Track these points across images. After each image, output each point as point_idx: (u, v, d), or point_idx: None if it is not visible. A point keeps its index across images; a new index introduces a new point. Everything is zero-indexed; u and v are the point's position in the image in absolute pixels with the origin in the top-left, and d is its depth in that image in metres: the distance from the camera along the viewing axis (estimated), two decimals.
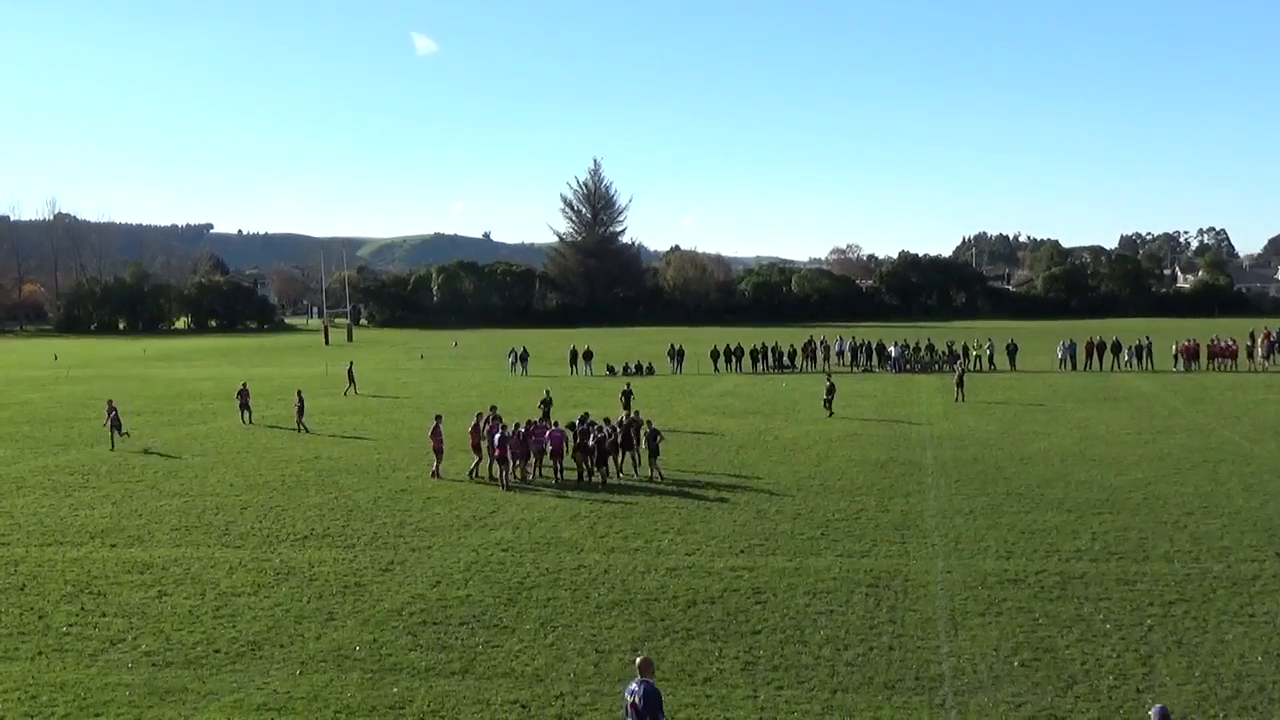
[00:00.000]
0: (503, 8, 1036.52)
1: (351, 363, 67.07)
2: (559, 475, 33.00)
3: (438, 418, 35.60)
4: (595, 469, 32.26)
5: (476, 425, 34.35)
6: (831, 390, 48.11)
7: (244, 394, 48.43)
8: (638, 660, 13.58)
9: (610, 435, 32.68)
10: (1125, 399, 51.51)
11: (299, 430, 44.11)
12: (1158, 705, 12.57)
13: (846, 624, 19.16)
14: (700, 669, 17.20)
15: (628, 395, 46.51)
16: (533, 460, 33.16)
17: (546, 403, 43.12)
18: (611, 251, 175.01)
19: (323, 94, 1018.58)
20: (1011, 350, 69.59)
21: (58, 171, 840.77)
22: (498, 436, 32.37)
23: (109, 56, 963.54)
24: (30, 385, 69.36)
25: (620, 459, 33.24)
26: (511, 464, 32.35)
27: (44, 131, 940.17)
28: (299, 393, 46.90)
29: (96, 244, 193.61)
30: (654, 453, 32.96)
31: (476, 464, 33.58)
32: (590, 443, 32.28)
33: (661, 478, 32.48)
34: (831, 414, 46.32)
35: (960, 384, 52.42)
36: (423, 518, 28.09)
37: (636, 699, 12.98)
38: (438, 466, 33.77)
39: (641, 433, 33.67)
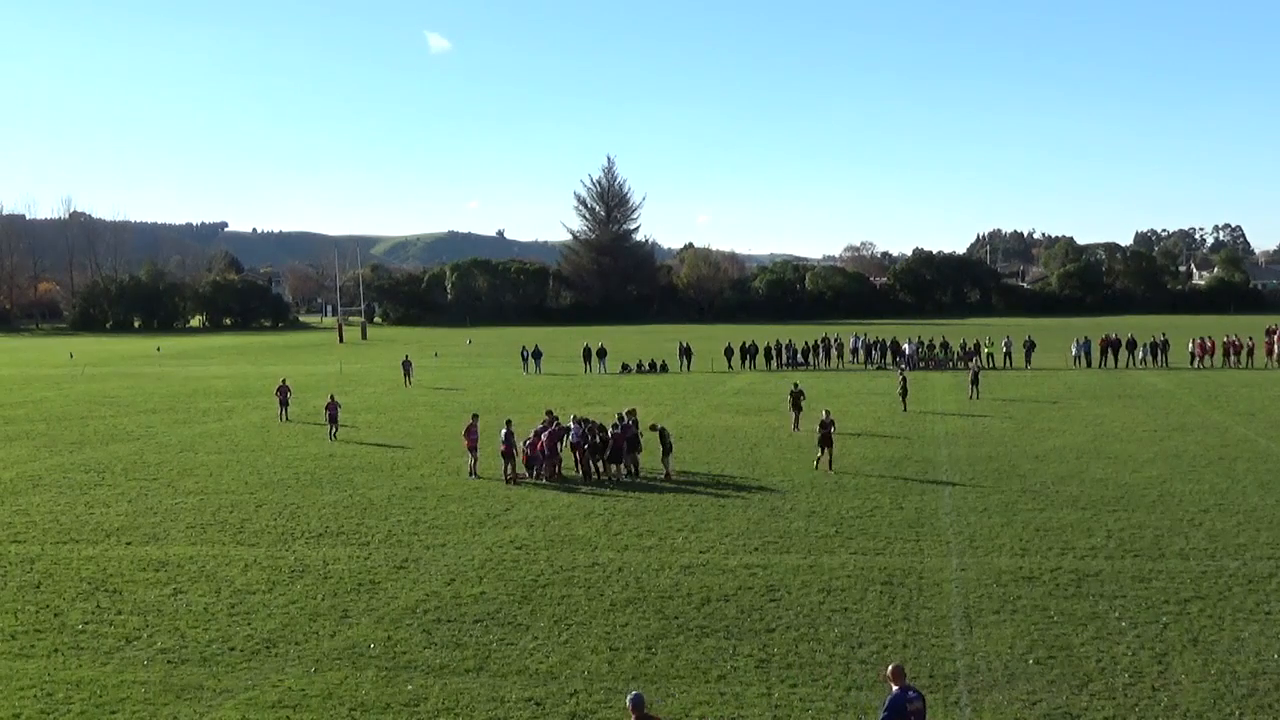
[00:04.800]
0: (516, 6, 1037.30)
1: (407, 356, 68.05)
2: (583, 472, 33.01)
3: (474, 416, 35.09)
4: (608, 466, 32.36)
5: (540, 430, 33.82)
6: (905, 382, 48.12)
7: (283, 390, 48.38)
8: (890, 669, 12.98)
9: (620, 432, 32.71)
10: (1140, 396, 51.33)
11: (331, 440, 41.51)
12: (633, 693, 12.58)
13: (861, 622, 19.14)
14: (714, 667, 17.19)
15: (796, 395, 42.66)
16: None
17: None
18: (625, 249, 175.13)
19: (336, 93, 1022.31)
20: (1028, 347, 69.40)
21: (73, 170, 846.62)
22: (535, 431, 33.37)
23: (123, 55, 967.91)
24: (45, 383, 69.67)
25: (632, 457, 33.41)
26: (537, 461, 32.83)
27: (59, 130, 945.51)
28: (332, 397, 44.16)
29: (111, 242, 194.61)
30: (666, 450, 32.94)
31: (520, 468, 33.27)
32: (605, 439, 32.38)
33: (668, 475, 32.48)
34: (905, 409, 46.36)
35: (975, 381, 52.36)
36: (437, 515, 28.14)
37: (919, 705, 12.58)
38: (474, 465, 33.55)
39: (647, 432, 33.71)
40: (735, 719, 15.32)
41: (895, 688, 12.56)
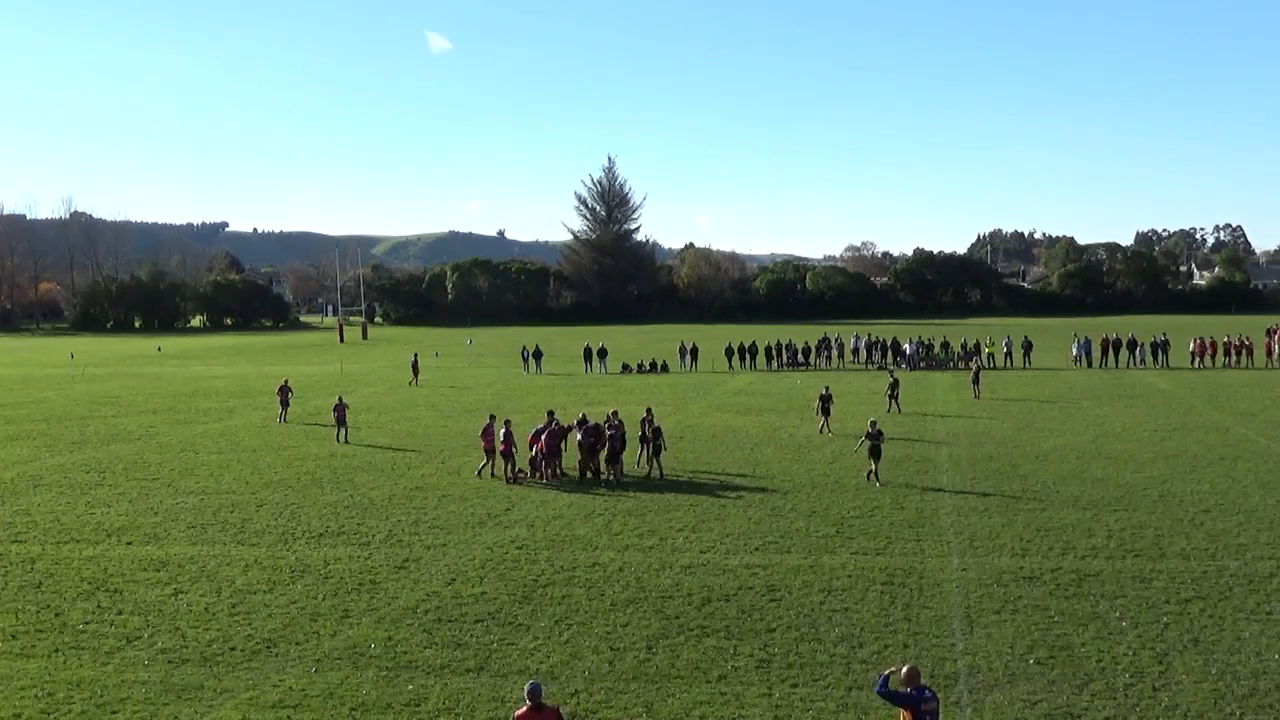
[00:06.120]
0: (516, 6, 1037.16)
1: (416, 354, 68.33)
2: (581, 471, 32.95)
3: (491, 417, 34.70)
4: (608, 466, 32.34)
5: (540, 430, 33.74)
6: (895, 385, 48.05)
7: (285, 390, 48.02)
8: (905, 670, 12.75)
9: (619, 431, 32.70)
10: (1141, 396, 51.33)
11: (339, 442, 40.52)
12: (530, 682, 12.67)
13: (861, 622, 19.13)
14: (715, 667, 17.19)
15: (826, 399, 41.50)
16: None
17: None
18: (626, 249, 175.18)
19: (337, 93, 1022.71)
20: (1026, 347, 69.43)
21: (74, 170, 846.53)
22: (535, 430, 33.21)
23: (124, 56, 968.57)
24: (46, 383, 69.67)
25: (639, 455, 33.39)
26: (540, 461, 32.72)
27: (60, 130, 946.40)
28: (340, 399, 42.91)
29: (112, 242, 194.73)
30: (657, 450, 32.94)
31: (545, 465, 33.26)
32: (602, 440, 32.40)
33: (662, 475, 32.49)
34: (899, 410, 46.22)
35: (976, 380, 52.42)
36: (437, 515, 28.14)
37: (934, 706, 12.59)
38: (489, 466, 33.26)
39: (648, 430, 33.68)
40: (736, 719, 15.32)
41: (910, 689, 12.56)
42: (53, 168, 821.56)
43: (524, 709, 12.38)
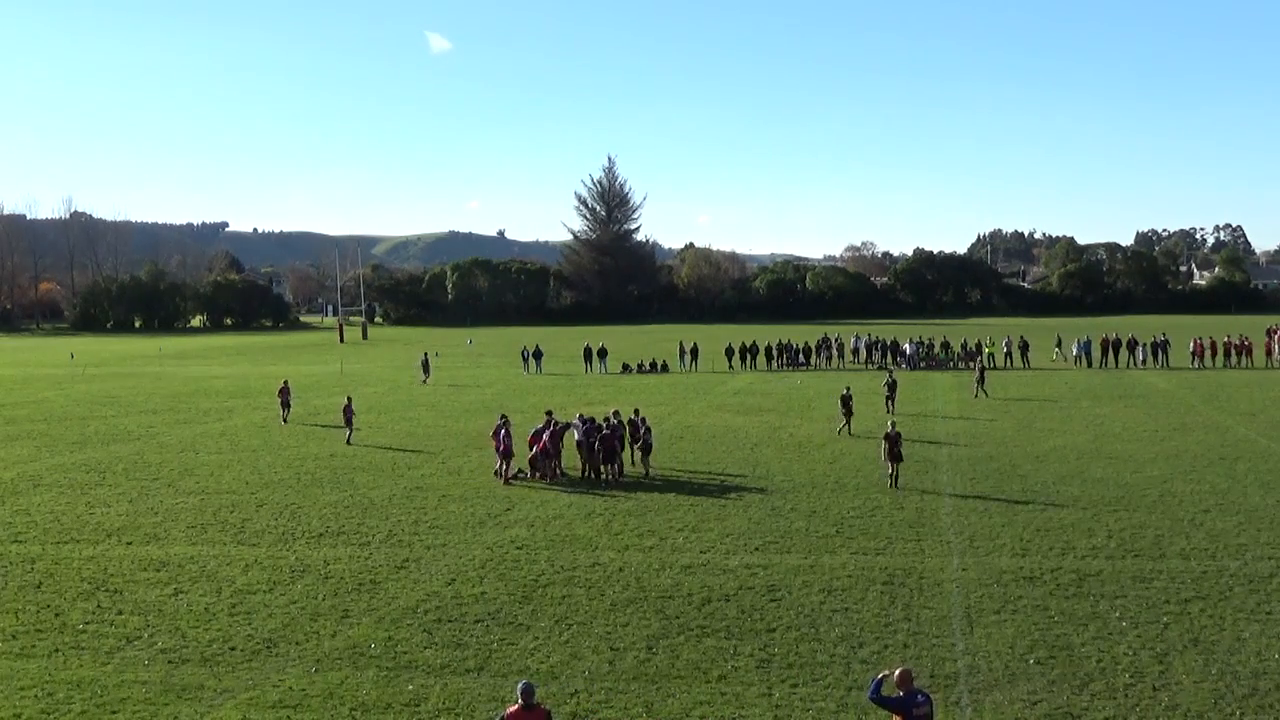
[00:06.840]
0: (517, 6, 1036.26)
1: (426, 353, 69.00)
2: (584, 471, 32.92)
3: (501, 418, 34.76)
4: (603, 466, 32.29)
5: (540, 430, 33.75)
6: (893, 387, 47.72)
7: (285, 391, 47.81)
8: (898, 673, 12.78)
9: (615, 431, 32.71)
10: (1141, 396, 51.33)
11: (350, 443, 40.16)
12: (522, 682, 12.79)
13: (861, 621, 19.14)
14: (715, 667, 17.19)
15: (847, 399, 41.17)
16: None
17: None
18: (626, 249, 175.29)
19: (337, 93, 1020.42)
20: (1023, 347, 69.50)
21: (74, 170, 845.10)
22: (535, 430, 33.26)
23: (124, 55, 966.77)
24: (47, 383, 69.67)
25: (631, 456, 33.40)
26: (541, 459, 32.72)
27: (60, 130, 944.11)
28: (349, 399, 42.28)
29: (112, 242, 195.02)
30: (646, 450, 32.94)
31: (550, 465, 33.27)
32: (595, 440, 32.41)
33: (649, 474, 32.57)
34: (892, 411, 45.77)
35: (981, 380, 52.46)
36: (437, 515, 28.13)
37: (927, 710, 12.57)
38: (501, 466, 33.24)
39: (642, 430, 33.65)
40: (736, 719, 15.32)
41: (901, 691, 12.54)
42: (53, 168, 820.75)
43: (515, 707, 12.43)
